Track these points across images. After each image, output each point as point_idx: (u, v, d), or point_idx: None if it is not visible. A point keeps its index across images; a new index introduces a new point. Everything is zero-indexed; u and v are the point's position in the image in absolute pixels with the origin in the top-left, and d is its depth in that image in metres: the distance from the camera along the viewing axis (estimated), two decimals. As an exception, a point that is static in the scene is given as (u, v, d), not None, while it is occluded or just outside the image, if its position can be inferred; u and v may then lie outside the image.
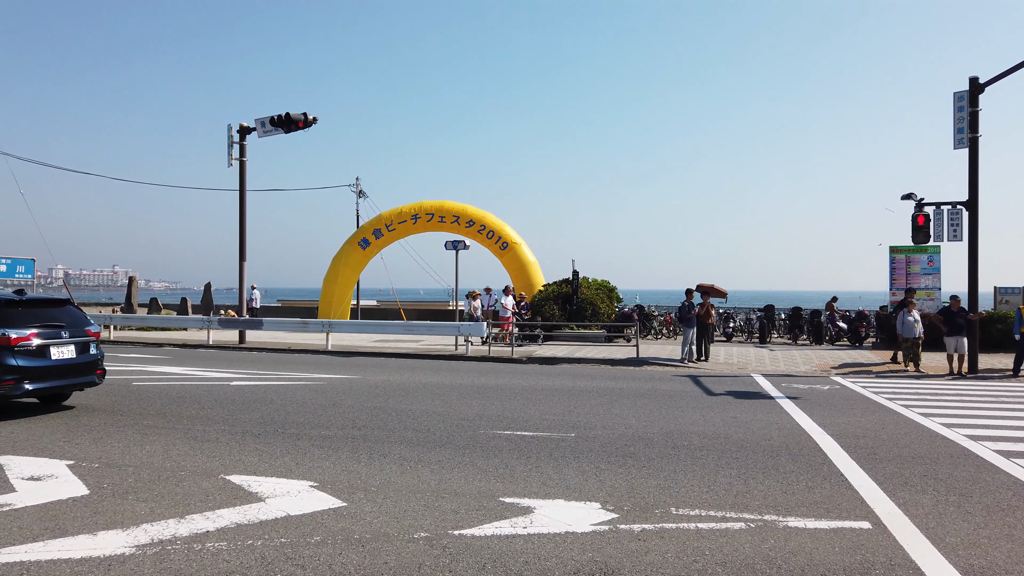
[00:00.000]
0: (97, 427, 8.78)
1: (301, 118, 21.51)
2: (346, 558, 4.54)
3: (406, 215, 27.74)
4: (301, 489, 6.08)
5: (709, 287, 19.61)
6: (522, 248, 27.21)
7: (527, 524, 5.21)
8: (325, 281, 28.70)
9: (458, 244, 22.75)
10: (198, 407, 10.35)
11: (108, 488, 6.08)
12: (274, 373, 14.88)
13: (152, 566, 4.37)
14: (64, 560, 4.45)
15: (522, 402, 11.13)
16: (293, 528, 5.09)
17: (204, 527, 5.08)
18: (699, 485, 6.38)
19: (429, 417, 9.70)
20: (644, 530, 5.12)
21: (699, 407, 10.83)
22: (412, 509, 5.56)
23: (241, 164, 22.78)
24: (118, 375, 14.16)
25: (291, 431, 8.64)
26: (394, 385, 13.09)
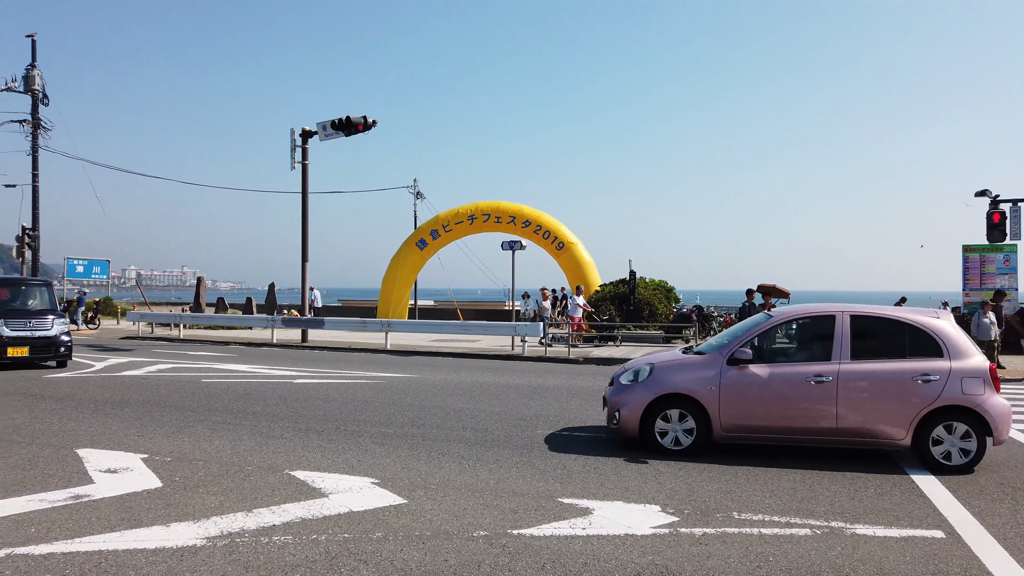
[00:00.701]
0: (169, 422, 9.12)
1: (361, 121, 21.87)
2: (407, 555, 4.61)
3: (463, 216, 27.95)
4: (363, 485, 6.19)
5: (771, 287, 19.22)
6: (578, 248, 27.11)
7: (586, 525, 5.20)
8: (384, 281, 29.15)
9: (514, 244, 22.83)
10: (264, 404, 10.64)
11: (180, 481, 6.30)
12: (335, 371, 15.19)
13: (222, 558, 4.51)
14: (139, 550, 4.64)
15: (580, 403, 11.09)
16: (356, 524, 5.19)
17: (271, 521, 5.22)
18: (762, 489, 6.25)
19: (487, 416, 9.76)
20: (705, 534, 5.05)
21: (761, 410, 10.59)
22: (471, 507, 5.61)
23: (303, 167, 23.32)
24: (188, 372, 14.67)
25: (352, 428, 8.80)
26: (452, 384, 13.21)
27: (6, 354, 14.77)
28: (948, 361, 7.30)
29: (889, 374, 7.36)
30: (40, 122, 28.66)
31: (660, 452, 7.63)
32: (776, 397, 7.55)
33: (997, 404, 7.19)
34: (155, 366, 15.84)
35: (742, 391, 7.62)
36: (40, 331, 15.32)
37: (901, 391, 7.28)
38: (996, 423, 7.09)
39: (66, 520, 5.20)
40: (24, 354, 15.00)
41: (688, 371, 7.91)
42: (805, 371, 7.52)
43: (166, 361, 17.04)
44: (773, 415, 7.55)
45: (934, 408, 7.18)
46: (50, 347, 15.39)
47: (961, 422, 7.17)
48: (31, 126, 28.43)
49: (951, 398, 7.16)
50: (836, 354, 7.52)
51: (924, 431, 7.22)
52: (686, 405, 7.71)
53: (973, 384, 7.19)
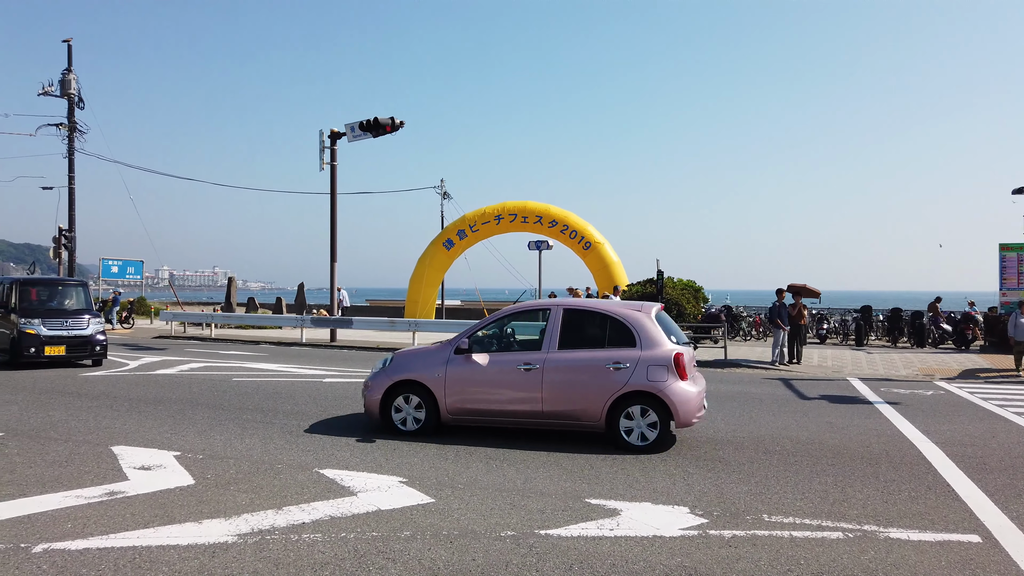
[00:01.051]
0: (201, 420, 9.26)
1: (389, 122, 22.01)
2: (435, 553, 4.62)
3: (489, 216, 27.99)
4: (391, 484, 6.23)
5: (801, 287, 18.97)
6: (605, 248, 27.00)
7: (614, 526, 5.17)
8: (411, 281, 29.29)
9: (541, 244, 22.80)
10: (293, 403, 10.76)
11: (212, 479, 6.40)
12: (364, 371, 15.28)
13: (252, 555, 4.57)
14: (172, 546, 4.71)
15: (607, 403, 11.04)
16: (384, 522, 5.23)
17: (300, 519, 5.27)
18: (793, 492, 6.17)
19: (514, 416, 9.75)
20: (735, 536, 5.00)
21: (791, 411, 10.47)
22: (498, 507, 5.61)
23: (332, 168, 23.52)
24: (219, 371, 14.88)
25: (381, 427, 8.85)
26: (479, 384, 13.21)
27: (44, 353, 15.11)
28: (639, 350, 7.89)
29: (587, 361, 8.01)
30: (76, 125, 29.25)
31: (397, 433, 8.39)
32: (492, 383, 8.26)
33: (679, 390, 7.72)
34: (187, 365, 16.09)
35: (464, 378, 8.31)
36: (76, 331, 15.64)
37: (596, 377, 7.90)
38: (677, 408, 7.64)
39: (101, 516, 5.31)
40: (61, 353, 15.33)
41: (421, 359, 8.66)
42: (517, 359, 8.23)
43: (198, 360, 17.30)
44: (490, 400, 8.26)
45: (623, 393, 7.77)
46: (86, 346, 15.70)
47: (646, 406, 7.75)
48: (67, 129, 29.04)
49: (638, 384, 7.74)
50: (546, 344, 8.22)
51: (615, 413, 7.82)
52: (418, 390, 8.44)
53: (658, 371, 7.75)
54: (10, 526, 5.07)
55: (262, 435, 8.36)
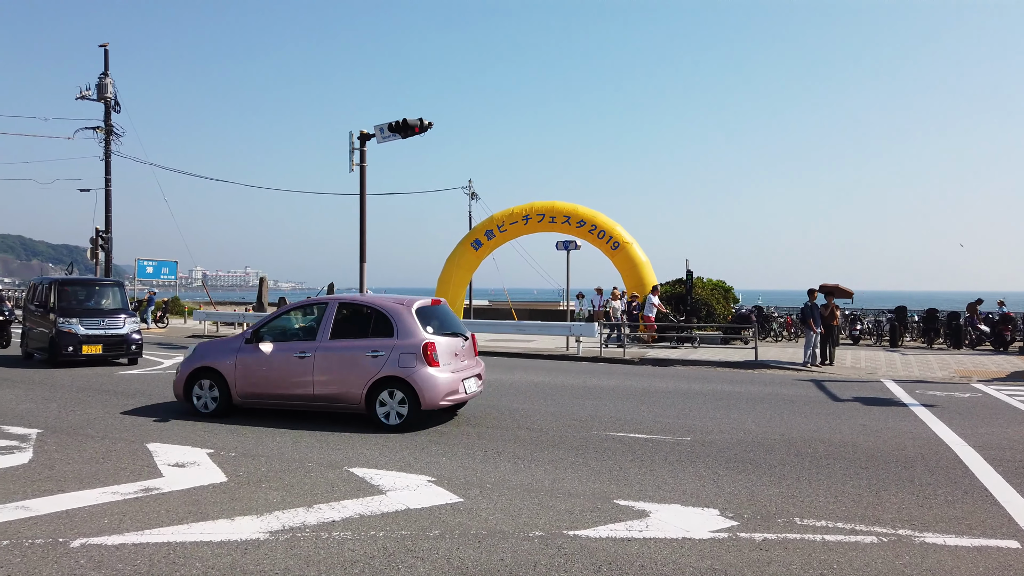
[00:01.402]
0: (234, 418, 9.38)
1: (417, 123, 22.10)
2: (463, 553, 4.64)
3: (517, 216, 27.99)
4: (419, 483, 6.26)
5: (834, 287, 18.69)
6: (634, 248, 26.85)
7: (642, 528, 5.14)
8: (439, 282, 29.41)
9: (569, 244, 22.74)
10: (323, 402, 10.85)
11: (244, 476, 6.49)
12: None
13: (284, 552, 4.62)
14: (205, 543, 4.78)
15: (635, 404, 10.99)
16: (413, 521, 5.25)
17: (330, 517, 5.32)
18: (825, 495, 6.08)
19: (542, 417, 9.75)
20: (766, 539, 4.94)
21: (824, 413, 10.32)
22: (527, 508, 5.61)
23: (361, 169, 23.70)
24: (250, 370, 15.07)
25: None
26: (507, 384, 13.24)
27: (81, 351, 15.45)
28: (395, 340, 8.86)
29: (351, 350, 9.02)
30: (112, 128, 29.84)
31: (198, 414, 9.41)
32: (273, 370, 9.27)
33: (426, 375, 8.66)
34: (220, 364, 16.31)
35: (250, 365, 9.38)
36: (113, 330, 15.97)
37: (356, 364, 8.89)
38: (423, 391, 8.60)
39: (137, 512, 5.41)
40: (98, 352, 15.66)
41: (217, 349, 9.81)
42: (295, 348, 9.25)
43: (230, 359, 17.52)
44: (272, 384, 9.30)
45: (379, 378, 8.76)
46: (122, 345, 16.02)
47: (398, 389, 8.70)
48: (103, 132, 29.64)
49: (391, 370, 8.71)
50: (320, 335, 9.22)
51: (372, 396, 8.78)
52: (214, 376, 9.55)
53: (408, 359, 8.71)
54: (49, 521, 5.19)
55: (292, 433, 8.46)
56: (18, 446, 7.63)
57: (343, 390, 8.94)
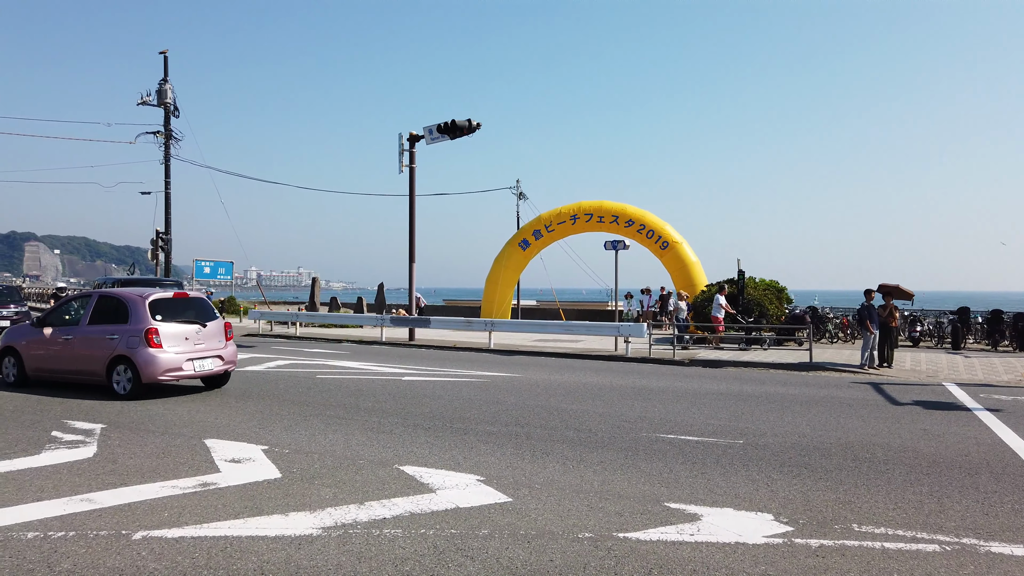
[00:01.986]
0: (287, 416, 9.58)
1: (466, 124, 22.25)
2: (513, 553, 4.64)
3: (565, 216, 27.93)
4: (469, 482, 6.29)
5: (893, 287, 18.13)
6: (683, 247, 26.54)
7: (694, 531, 5.07)
8: (487, 281, 29.53)
9: (617, 244, 22.57)
10: (374, 400, 11.01)
11: (297, 473, 6.61)
12: (441, 369, 15.51)
13: (336, 548, 4.69)
14: (261, 537, 4.89)
15: (686, 406, 10.85)
16: (462, 520, 5.28)
17: (381, 514, 5.38)
18: (885, 501, 5.91)
19: (590, 417, 9.70)
20: (823, 546, 4.82)
21: (882, 417, 10.03)
22: (576, 509, 5.59)
23: (411, 171, 23.95)
24: (304, 369, 15.37)
25: (458, 426, 8.96)
26: (555, 384, 13.22)
27: (143, 349, 15.95)
28: (128, 325, 11.10)
29: (97, 333, 11.34)
30: (171, 133, 30.76)
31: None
32: (50, 350, 11.75)
33: (145, 354, 10.86)
34: (274, 362, 16.69)
35: (36, 346, 11.93)
36: (172, 328, 16.45)
37: (100, 345, 11.21)
38: (142, 368, 10.81)
39: (195, 506, 5.56)
40: (158, 349, 16.13)
41: (19, 332, 12.50)
42: (64, 331, 11.67)
43: (284, 357, 17.92)
44: (49, 361, 11.79)
45: (114, 356, 11.06)
46: (181, 343, 16.48)
47: (126, 365, 10.97)
48: (163, 137, 30.57)
49: (122, 350, 11.00)
50: (82, 320, 11.57)
51: (110, 371, 11.08)
52: (14, 354, 12.19)
53: (134, 341, 10.97)
54: (112, 513, 5.37)
55: (344, 431, 8.59)
56: (83, 440, 7.92)
57: (92, 366, 11.28)
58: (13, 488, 6.02)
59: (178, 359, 11.09)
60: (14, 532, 4.94)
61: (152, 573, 4.27)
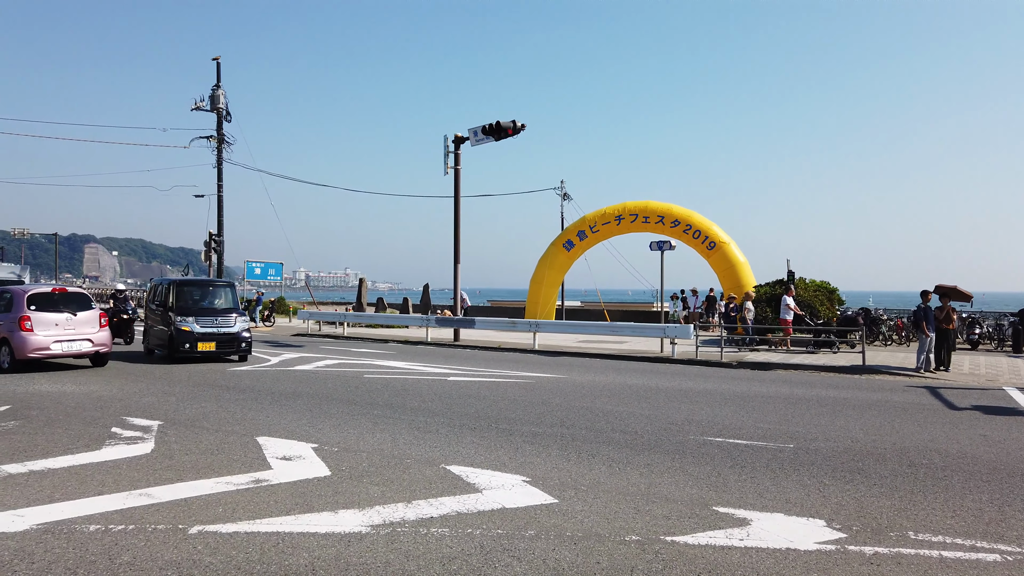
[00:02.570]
0: (336, 415, 9.74)
1: (510, 126, 22.29)
2: (559, 554, 4.63)
3: (610, 216, 27.78)
4: (515, 483, 6.31)
5: (950, 288, 17.57)
6: (731, 248, 26.14)
7: (743, 536, 5.00)
8: (531, 282, 29.54)
9: (663, 244, 22.35)
10: (420, 400, 11.11)
11: (346, 470, 6.71)
12: (486, 370, 15.58)
13: (384, 546, 4.75)
14: (311, 534, 4.98)
15: (734, 409, 10.69)
16: (508, 520, 5.30)
17: (429, 513, 5.44)
18: (942, 509, 5.73)
19: (636, 419, 9.63)
20: (877, 553, 4.70)
21: (940, 422, 9.73)
22: (622, 511, 5.56)
23: (456, 172, 24.11)
24: (351, 368, 15.60)
25: (504, 426, 8.99)
26: (600, 386, 13.16)
27: (196, 348, 16.41)
28: (11, 314, 14.27)
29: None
30: (224, 137, 31.52)
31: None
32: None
33: (18, 337, 14.02)
34: (323, 362, 16.98)
35: None
36: (225, 328, 16.88)
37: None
38: (15, 348, 14.05)
39: (248, 502, 5.69)
40: (211, 349, 16.59)
41: None
42: None
43: (332, 357, 18.21)
44: None
45: (1, 338, 14.33)
46: (233, 343, 16.90)
47: (7, 347, 14.21)
48: (216, 141, 31.35)
49: (3, 333, 14.24)
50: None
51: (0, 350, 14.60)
52: None
53: (12, 326, 14.11)
54: (169, 508, 5.54)
55: (392, 430, 8.69)
56: (141, 437, 8.17)
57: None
58: (76, 482, 6.24)
59: (46, 341, 14.16)
60: (77, 525, 5.13)
61: (207, 567, 4.39)
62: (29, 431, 8.40)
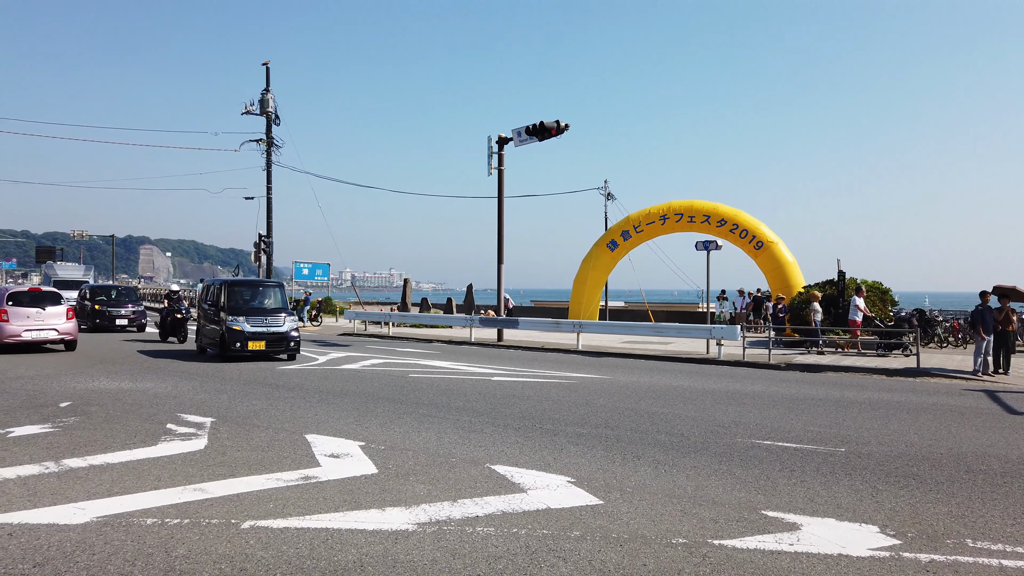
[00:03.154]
0: (382, 413, 9.86)
1: (554, 126, 22.27)
2: (605, 556, 4.62)
3: (654, 216, 27.54)
4: (559, 484, 6.30)
5: (1009, 289, 16.99)
6: (779, 247, 25.67)
7: (793, 541, 4.91)
8: (575, 282, 29.46)
9: (709, 244, 22.07)
10: (464, 399, 11.18)
11: (392, 469, 6.79)
12: (530, 370, 15.59)
13: (431, 544, 4.80)
14: (359, 531, 5.05)
15: (783, 411, 10.51)
16: (553, 521, 5.29)
17: (474, 512, 5.47)
18: (1002, 516, 5.55)
19: (682, 421, 9.54)
20: (933, 561, 4.57)
21: (999, 427, 9.42)
22: (669, 514, 5.51)
23: (499, 173, 24.18)
24: (397, 367, 15.78)
25: (548, 427, 8.99)
26: (644, 387, 13.06)
27: (247, 347, 16.78)
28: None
29: None
30: (272, 140, 32.15)
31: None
32: None
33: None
34: (369, 361, 17.20)
35: None
36: (274, 327, 17.22)
37: None
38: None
39: (298, 498, 5.80)
40: (261, 348, 16.94)
41: None
42: None
43: (378, 356, 18.44)
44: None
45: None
46: (282, 342, 17.24)
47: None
48: (265, 144, 32.00)
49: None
50: None
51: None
52: None
53: None
54: (222, 503, 5.68)
55: (437, 429, 8.76)
56: (195, 433, 8.39)
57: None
58: (133, 476, 6.44)
59: (18, 329, 17.76)
60: (135, 518, 5.29)
61: (259, 561, 4.49)
62: (89, 427, 8.70)
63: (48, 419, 9.14)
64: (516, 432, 8.65)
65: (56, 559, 4.49)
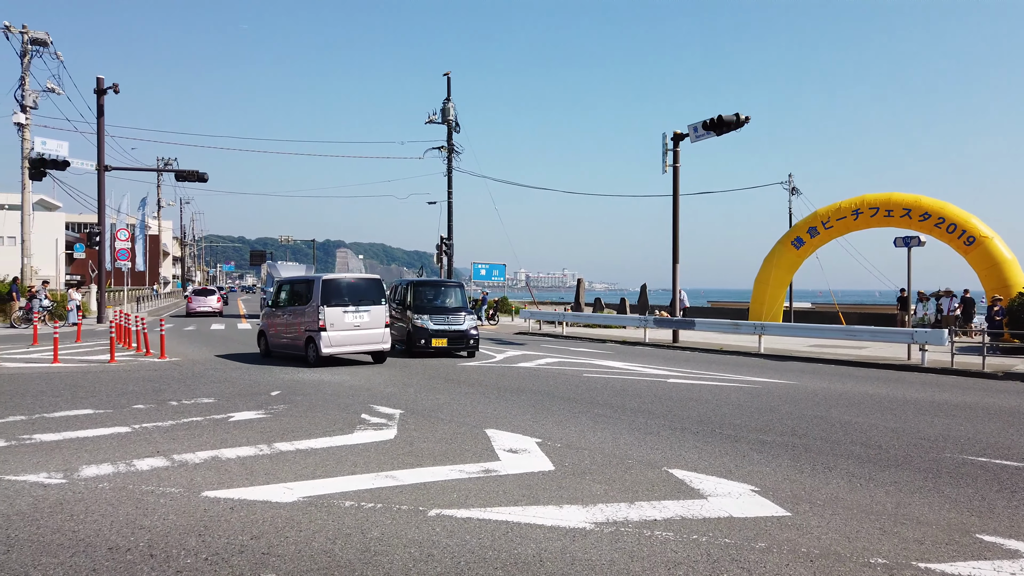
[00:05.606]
0: (558, 411, 9.99)
1: (733, 119, 21.41)
2: (794, 570, 4.37)
3: (845, 211, 25.66)
4: (742, 492, 6.05)
5: None
6: (994, 243, 22.97)
7: (1015, 570, 4.37)
8: (756, 282, 28.15)
9: (910, 240, 20.21)
10: (639, 401, 11.05)
11: (569, 466, 6.86)
12: (707, 373, 15.10)
13: (608, 544, 4.79)
14: (537, 525, 5.15)
15: (1001, 425, 9.39)
16: (736, 530, 5.09)
17: (652, 515, 5.38)
18: None
19: (879, 432, 8.81)
20: None
21: None
22: (865, 531, 5.11)
23: (675, 170, 23.64)
24: (571, 367, 15.91)
25: (728, 432, 8.66)
26: (835, 394, 12.20)
27: (431, 344, 17.68)
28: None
29: None
30: (453, 147, 33.63)
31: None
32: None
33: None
34: (544, 359, 17.49)
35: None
36: (455, 326, 18.00)
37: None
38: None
39: (479, 490, 6.02)
40: (443, 345, 17.78)
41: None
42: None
43: (553, 355, 18.69)
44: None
45: None
46: (462, 339, 17.99)
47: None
48: (446, 151, 33.53)
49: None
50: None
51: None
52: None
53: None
54: (411, 491, 6.01)
55: (612, 429, 8.73)
56: (386, 423, 8.96)
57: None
58: (334, 461, 7.00)
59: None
60: (335, 500, 5.74)
61: (445, 548, 4.71)
62: (295, 414, 9.57)
63: (262, 406, 10.17)
64: (694, 436, 8.41)
65: (269, 533, 4.98)
